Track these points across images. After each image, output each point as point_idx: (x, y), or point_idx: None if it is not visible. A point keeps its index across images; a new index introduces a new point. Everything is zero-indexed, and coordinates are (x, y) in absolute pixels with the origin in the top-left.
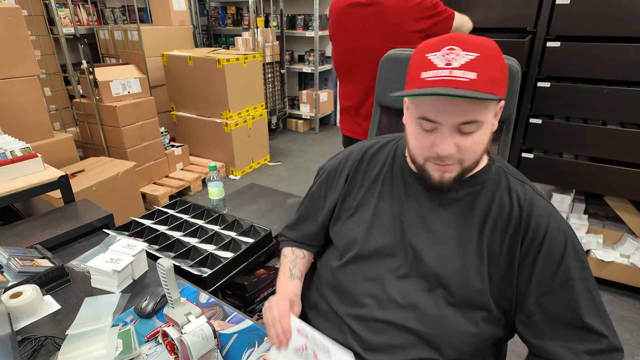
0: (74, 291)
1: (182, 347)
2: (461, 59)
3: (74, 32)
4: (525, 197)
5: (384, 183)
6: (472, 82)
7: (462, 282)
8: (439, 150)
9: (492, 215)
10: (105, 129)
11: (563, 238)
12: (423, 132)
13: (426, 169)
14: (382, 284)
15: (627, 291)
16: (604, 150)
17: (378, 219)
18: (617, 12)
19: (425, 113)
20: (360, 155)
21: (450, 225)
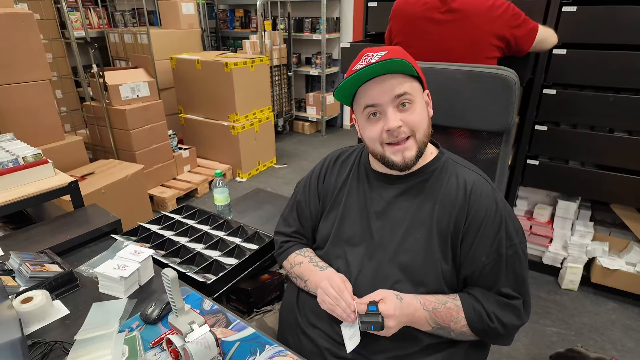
0: (82, 296)
1: (185, 355)
2: (375, 57)
3: (85, 36)
4: (471, 182)
5: (351, 182)
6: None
7: (412, 256)
8: (388, 126)
9: (441, 198)
10: (115, 132)
11: (499, 221)
12: (372, 121)
13: (387, 155)
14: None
15: (633, 299)
16: (611, 158)
17: (347, 213)
18: (624, 19)
19: (366, 102)
20: (334, 161)
21: (405, 210)
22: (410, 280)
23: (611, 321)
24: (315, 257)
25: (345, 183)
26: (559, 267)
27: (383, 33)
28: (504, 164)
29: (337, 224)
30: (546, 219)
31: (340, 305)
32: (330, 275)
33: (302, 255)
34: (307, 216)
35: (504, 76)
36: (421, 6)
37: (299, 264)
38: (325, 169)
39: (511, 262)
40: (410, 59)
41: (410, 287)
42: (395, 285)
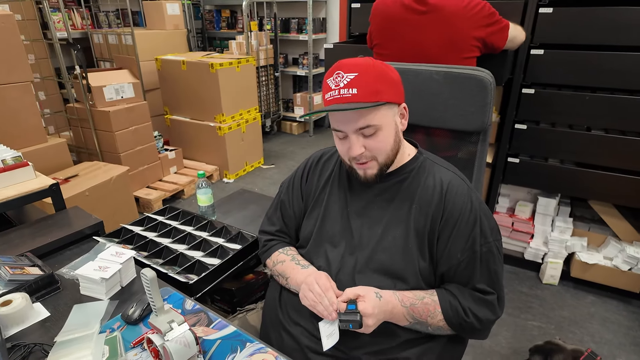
0: (63, 298)
1: (165, 353)
2: (345, 79)
3: (68, 37)
4: (447, 181)
5: (332, 182)
6: (354, 96)
7: (390, 254)
8: (351, 153)
9: (418, 197)
10: (99, 134)
11: (473, 219)
12: (340, 141)
13: (353, 168)
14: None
15: (610, 293)
16: (589, 156)
17: (328, 213)
18: (598, 21)
19: (334, 125)
20: (316, 161)
21: (383, 209)
22: (389, 277)
23: (590, 314)
24: (297, 255)
25: (327, 183)
26: (540, 263)
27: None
28: (482, 162)
29: (319, 223)
30: (527, 216)
31: (323, 303)
32: (316, 272)
33: (284, 254)
34: (290, 215)
35: (479, 77)
36: (398, 7)
37: (281, 262)
38: (308, 170)
39: (485, 259)
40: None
41: (390, 284)
42: (374, 283)
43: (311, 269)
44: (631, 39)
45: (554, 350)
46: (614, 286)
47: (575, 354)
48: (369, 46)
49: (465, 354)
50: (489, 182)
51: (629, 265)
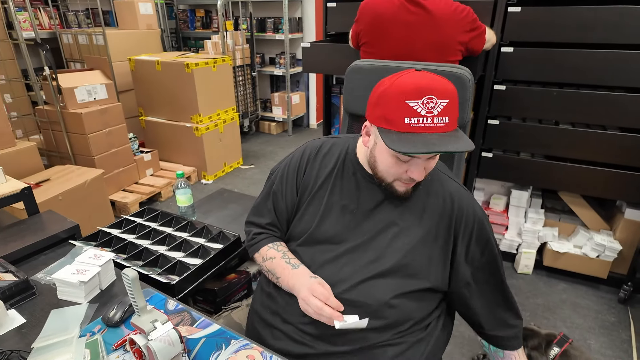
0: (39, 304)
1: (148, 353)
2: (439, 107)
3: (35, 37)
4: (456, 192)
5: (335, 180)
6: (447, 125)
7: (400, 258)
8: (413, 176)
9: (430, 205)
10: (71, 137)
11: (487, 224)
12: (398, 162)
13: (393, 185)
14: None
15: (581, 279)
16: (557, 149)
17: (329, 212)
18: (564, 20)
19: (405, 150)
20: (315, 153)
21: (395, 214)
22: (394, 280)
23: (562, 300)
24: (288, 252)
25: (329, 179)
26: (515, 253)
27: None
28: (460, 157)
29: (318, 220)
30: (502, 209)
31: (325, 314)
32: (309, 283)
33: (274, 249)
34: (282, 208)
35: (459, 74)
36: (389, 7)
37: (271, 258)
38: (306, 162)
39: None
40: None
41: (396, 287)
42: (381, 285)
43: (302, 269)
44: (594, 37)
45: (529, 335)
46: (584, 273)
47: (549, 337)
48: (354, 46)
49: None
50: (464, 176)
51: (596, 252)
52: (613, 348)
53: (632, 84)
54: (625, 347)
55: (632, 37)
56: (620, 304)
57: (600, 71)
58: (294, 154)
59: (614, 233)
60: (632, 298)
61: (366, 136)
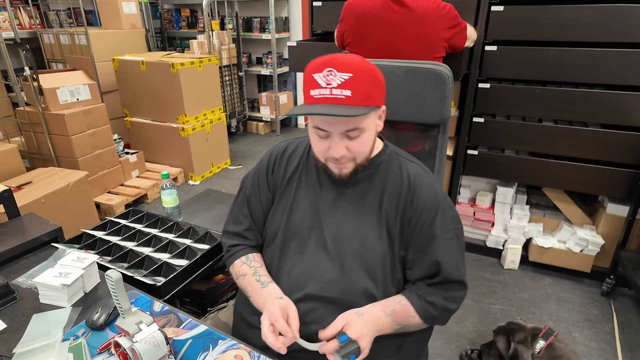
0: (20, 309)
1: (133, 355)
2: (338, 79)
3: (15, 37)
4: (413, 173)
5: (300, 175)
6: (348, 99)
7: (363, 245)
8: (332, 153)
9: (388, 190)
10: (54, 138)
11: (436, 207)
12: (319, 139)
13: (327, 166)
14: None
15: (565, 274)
16: (541, 146)
17: (297, 205)
18: (546, 19)
19: (318, 124)
20: (281, 153)
21: (355, 203)
22: (361, 268)
23: (547, 295)
24: (260, 267)
25: (294, 176)
26: (501, 249)
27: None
28: (442, 153)
29: (287, 216)
30: (487, 205)
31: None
32: (271, 306)
33: (247, 265)
34: (258, 210)
35: (438, 71)
36: (372, 6)
37: (243, 275)
38: (274, 161)
39: (447, 246)
40: (376, 85)
41: (363, 275)
42: (348, 275)
43: (270, 288)
44: (575, 35)
45: (515, 329)
46: (568, 267)
47: (535, 331)
48: (339, 46)
49: (433, 339)
50: (450, 174)
51: (580, 247)
52: (597, 340)
53: (612, 82)
54: (608, 339)
55: (612, 35)
56: (603, 297)
57: (581, 69)
58: (262, 158)
59: (596, 228)
60: (614, 291)
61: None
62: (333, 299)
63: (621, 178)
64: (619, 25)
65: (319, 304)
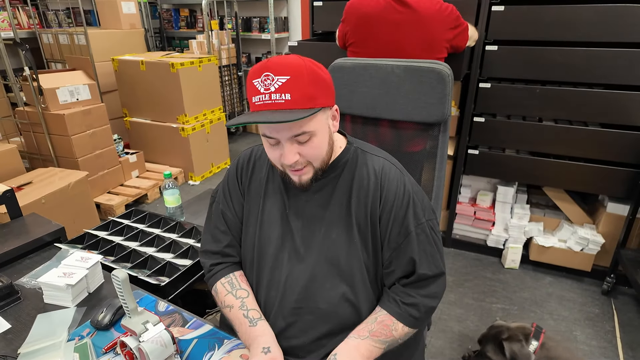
0: (25, 309)
1: (140, 355)
2: (275, 83)
3: (14, 37)
4: (380, 168)
5: (267, 184)
6: (288, 103)
7: (336, 251)
8: (284, 161)
9: (355, 189)
10: (53, 138)
11: (407, 201)
12: (271, 147)
13: (287, 174)
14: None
15: (565, 273)
16: (541, 145)
17: (266, 217)
18: (546, 18)
19: (264, 131)
20: (247, 160)
21: (323, 207)
22: (338, 275)
23: (548, 294)
24: (247, 298)
25: (261, 186)
26: (502, 248)
27: (330, 32)
28: (443, 152)
29: (259, 230)
30: (488, 205)
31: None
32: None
33: (233, 296)
34: (236, 223)
35: (438, 70)
36: (375, 7)
37: (229, 307)
38: (241, 170)
39: (422, 241)
40: (318, 85)
41: (338, 282)
42: (325, 284)
43: (259, 328)
44: (575, 35)
45: (500, 332)
46: (569, 266)
47: (524, 331)
48: (341, 46)
49: (436, 339)
50: (451, 173)
51: (580, 246)
52: (598, 339)
53: (612, 81)
54: (609, 337)
55: (612, 35)
56: (603, 295)
57: (581, 69)
58: (229, 169)
59: (596, 227)
60: (614, 290)
61: None
62: (312, 309)
63: (621, 177)
64: (620, 25)
65: (298, 316)
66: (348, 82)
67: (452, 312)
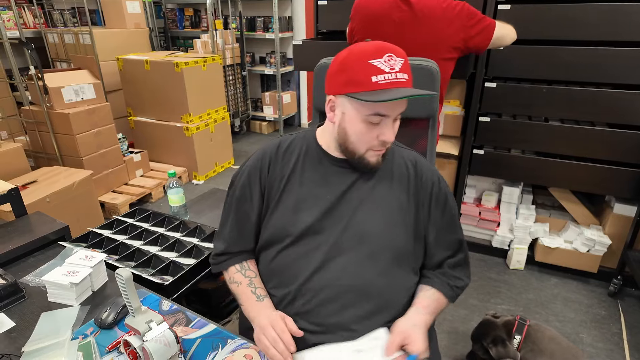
0: (29, 307)
1: (144, 354)
2: (398, 63)
3: (20, 36)
4: (414, 159)
5: (302, 171)
6: (407, 82)
7: (389, 235)
8: (385, 138)
9: (396, 175)
10: (58, 137)
11: (444, 187)
12: (370, 127)
13: (365, 156)
14: (317, 258)
15: (571, 274)
16: (547, 145)
17: (303, 203)
18: (553, 17)
19: (379, 110)
20: (275, 150)
21: (367, 190)
22: (393, 259)
23: (553, 295)
24: (255, 278)
25: (294, 173)
26: (507, 249)
27: (334, 31)
28: (432, 147)
29: (292, 215)
30: (493, 205)
31: (278, 348)
32: (270, 315)
33: (242, 274)
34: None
35: (427, 67)
36: (380, 5)
37: (237, 283)
38: (268, 161)
39: (460, 224)
40: None
41: (396, 266)
42: (366, 270)
43: (266, 302)
44: (582, 34)
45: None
46: (574, 267)
47: (508, 326)
48: (350, 43)
49: (440, 339)
50: (456, 173)
51: (587, 247)
52: (604, 341)
53: (620, 81)
54: (616, 339)
55: (620, 34)
56: (610, 297)
57: (588, 68)
58: (252, 160)
59: (603, 228)
60: (621, 291)
61: (331, 112)
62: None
63: (628, 178)
64: (627, 24)
65: (358, 296)
66: None
67: (456, 313)
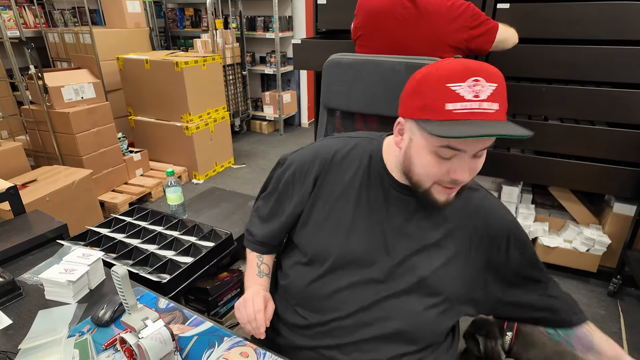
0: (26, 305)
1: (139, 351)
2: (487, 90)
3: (20, 36)
4: (482, 202)
5: (360, 190)
6: (497, 113)
7: (444, 282)
8: (457, 177)
9: (462, 219)
10: (58, 136)
11: (520, 229)
12: (439, 160)
13: (432, 192)
14: (358, 292)
15: (571, 273)
16: (546, 144)
17: (357, 227)
18: (552, 16)
19: (452, 143)
20: (330, 157)
21: (425, 228)
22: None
23: None
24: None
25: (351, 189)
26: None
27: (334, 30)
28: None
29: (344, 238)
30: None
31: (252, 325)
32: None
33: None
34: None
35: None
36: (384, 1)
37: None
38: (320, 168)
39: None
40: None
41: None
42: (418, 317)
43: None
44: (582, 33)
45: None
46: (574, 267)
47: (499, 323)
48: (353, 39)
49: None
50: None
51: (586, 246)
52: None
53: (620, 80)
54: (615, 339)
55: (620, 32)
56: (609, 297)
57: (587, 67)
58: (297, 158)
59: (603, 227)
60: (621, 291)
61: (399, 135)
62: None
63: (628, 177)
64: (627, 23)
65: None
66: (344, 79)
67: None
